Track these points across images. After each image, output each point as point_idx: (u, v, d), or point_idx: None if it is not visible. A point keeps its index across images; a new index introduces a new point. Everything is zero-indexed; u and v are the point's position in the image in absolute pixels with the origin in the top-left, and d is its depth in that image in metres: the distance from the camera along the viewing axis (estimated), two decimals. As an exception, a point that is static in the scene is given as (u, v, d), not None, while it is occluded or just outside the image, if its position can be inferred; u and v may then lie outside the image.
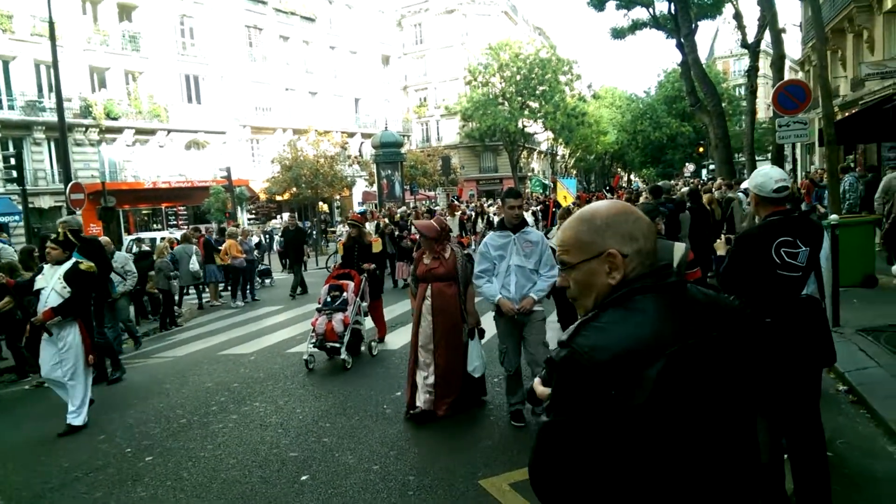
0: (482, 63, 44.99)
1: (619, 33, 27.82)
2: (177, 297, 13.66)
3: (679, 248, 4.21)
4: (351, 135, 40.50)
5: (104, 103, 28.34)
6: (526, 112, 45.64)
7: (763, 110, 44.64)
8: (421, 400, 5.58)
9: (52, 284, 6.11)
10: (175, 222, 30.99)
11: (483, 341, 5.89)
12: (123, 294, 9.89)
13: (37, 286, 6.25)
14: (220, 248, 14.81)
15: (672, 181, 16.04)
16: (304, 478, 4.58)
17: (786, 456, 3.47)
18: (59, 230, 6.63)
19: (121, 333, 10.06)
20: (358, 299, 8.14)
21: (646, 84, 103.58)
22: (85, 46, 27.74)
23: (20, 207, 20.80)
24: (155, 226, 30.44)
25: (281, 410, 6.26)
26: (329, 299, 8.08)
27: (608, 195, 27.24)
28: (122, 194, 26.40)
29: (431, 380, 5.58)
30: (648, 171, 59.92)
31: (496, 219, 20.28)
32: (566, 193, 15.19)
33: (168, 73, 31.22)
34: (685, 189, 14.35)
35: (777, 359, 3.27)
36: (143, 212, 31.01)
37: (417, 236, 16.86)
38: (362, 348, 8.28)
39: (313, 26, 39.49)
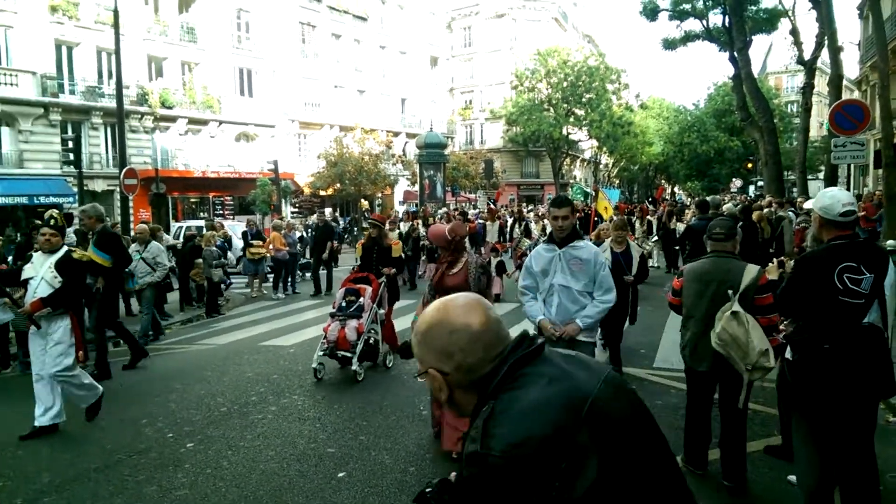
0: (529, 68, 44.86)
1: (670, 44, 27.48)
2: (224, 286, 13.99)
3: (750, 272, 4.08)
4: (396, 134, 40.84)
5: (160, 92, 29.14)
6: (571, 119, 45.33)
7: (815, 128, 43.46)
8: None
9: (41, 273, 5.67)
10: (221, 212, 31.64)
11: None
12: (150, 285, 9.81)
13: (25, 275, 5.79)
14: (252, 242, 15.03)
15: (719, 196, 15.75)
16: (340, 475, 4.62)
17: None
18: (53, 214, 6.01)
19: (159, 321, 10.22)
20: (375, 306, 7.55)
21: (695, 96, 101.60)
22: (145, 36, 28.55)
23: (75, 189, 21.50)
24: (202, 214, 31.10)
25: (319, 405, 6.33)
26: (344, 304, 7.52)
27: (651, 206, 26.86)
28: (171, 182, 27.08)
29: None
30: (693, 185, 58.90)
31: (534, 226, 19.88)
32: (607, 204, 14.92)
33: (222, 65, 31.95)
34: (730, 204, 14.10)
35: (834, 387, 3.17)
36: (192, 200, 31.75)
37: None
38: (378, 360, 7.72)
39: (365, 25, 39.93)
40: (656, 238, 17.27)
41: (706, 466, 4.49)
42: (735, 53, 22.82)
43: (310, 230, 24.54)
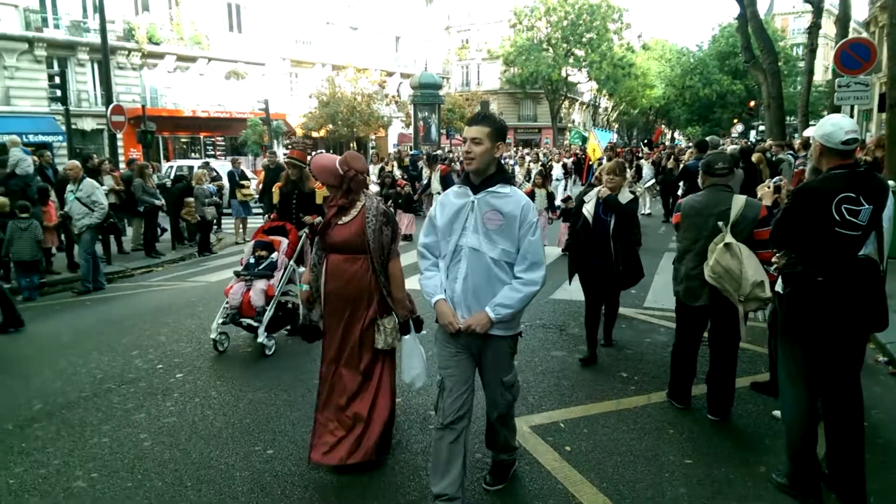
0: (528, 6, 43.63)
1: (675, -19, 26.59)
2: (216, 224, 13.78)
3: (738, 201, 4.02)
4: (390, 74, 39.90)
5: (147, 27, 28.26)
6: (570, 60, 44.38)
7: (820, 73, 42.69)
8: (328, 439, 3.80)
9: None
10: (213, 152, 31.15)
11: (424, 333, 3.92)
12: (89, 227, 9.07)
13: None
14: (242, 183, 14.67)
15: (718, 138, 15.48)
16: (328, 405, 4.62)
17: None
18: None
19: (94, 265, 9.44)
20: (292, 263, 6.16)
21: (699, 38, 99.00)
22: (129, -33, 27.48)
23: (63, 128, 21.06)
24: (193, 154, 30.63)
25: (309, 339, 6.30)
26: (252, 260, 6.15)
27: (646, 149, 26.49)
28: (161, 121, 26.47)
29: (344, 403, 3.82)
30: (694, 130, 58.20)
31: (518, 169, 18.18)
32: (595, 146, 14.51)
33: (210, -1, 30.87)
34: (733, 147, 13.87)
35: (826, 319, 3.12)
36: (182, 140, 31.21)
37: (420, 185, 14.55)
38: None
39: (358, -42, 38.48)
40: (651, 183, 16.98)
41: (689, 402, 4.51)
42: (740, -9, 22.12)
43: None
